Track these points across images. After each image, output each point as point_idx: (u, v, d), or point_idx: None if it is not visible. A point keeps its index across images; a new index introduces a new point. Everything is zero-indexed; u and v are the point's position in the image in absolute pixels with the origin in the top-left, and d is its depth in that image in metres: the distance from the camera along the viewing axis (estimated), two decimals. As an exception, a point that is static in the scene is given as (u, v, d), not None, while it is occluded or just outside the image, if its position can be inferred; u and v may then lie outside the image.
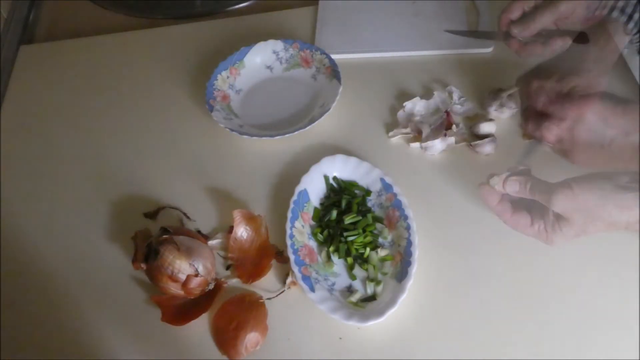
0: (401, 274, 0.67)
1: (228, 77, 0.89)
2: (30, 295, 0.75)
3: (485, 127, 0.78)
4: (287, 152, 0.82)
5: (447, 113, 0.79)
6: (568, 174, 0.60)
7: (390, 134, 0.81)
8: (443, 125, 0.78)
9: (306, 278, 0.68)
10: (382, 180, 0.74)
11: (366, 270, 0.70)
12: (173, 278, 0.66)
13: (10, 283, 0.76)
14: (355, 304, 0.67)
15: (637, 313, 0.63)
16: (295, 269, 0.68)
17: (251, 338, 0.66)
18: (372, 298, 0.67)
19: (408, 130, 0.80)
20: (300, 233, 0.72)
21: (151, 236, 0.71)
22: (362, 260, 0.70)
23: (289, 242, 0.70)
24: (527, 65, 0.69)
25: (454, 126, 0.78)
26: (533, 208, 0.63)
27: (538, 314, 0.65)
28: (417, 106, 0.81)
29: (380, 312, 0.64)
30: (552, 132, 0.63)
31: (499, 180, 0.63)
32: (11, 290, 0.75)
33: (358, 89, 0.87)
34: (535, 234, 0.62)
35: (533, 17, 0.73)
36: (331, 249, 0.71)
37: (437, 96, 0.82)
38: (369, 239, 0.71)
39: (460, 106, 0.81)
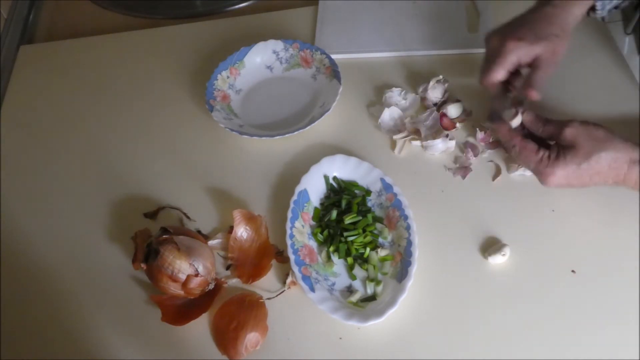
0: (401, 274, 0.67)
1: (228, 77, 0.89)
2: (30, 295, 0.75)
3: (452, 110, 0.79)
4: (287, 152, 0.82)
5: (442, 114, 0.79)
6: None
7: (395, 137, 0.80)
8: (437, 124, 0.78)
9: (306, 278, 0.68)
10: (382, 180, 0.74)
11: (366, 270, 0.70)
12: (173, 278, 0.66)
13: (10, 283, 0.76)
14: (355, 304, 0.67)
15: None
16: (295, 269, 0.68)
17: (251, 338, 0.66)
18: (372, 298, 0.67)
19: (405, 134, 0.80)
20: (300, 233, 0.72)
21: (151, 236, 0.71)
22: (362, 260, 0.70)
23: (289, 242, 0.70)
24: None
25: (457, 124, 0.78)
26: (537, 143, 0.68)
27: (539, 312, 0.64)
28: (394, 114, 0.81)
29: (380, 312, 0.64)
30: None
31: (510, 114, 0.69)
32: (11, 290, 0.75)
33: (358, 89, 0.87)
34: (538, 161, 0.66)
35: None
36: (331, 249, 0.71)
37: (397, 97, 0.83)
38: (369, 239, 0.71)
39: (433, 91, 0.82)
